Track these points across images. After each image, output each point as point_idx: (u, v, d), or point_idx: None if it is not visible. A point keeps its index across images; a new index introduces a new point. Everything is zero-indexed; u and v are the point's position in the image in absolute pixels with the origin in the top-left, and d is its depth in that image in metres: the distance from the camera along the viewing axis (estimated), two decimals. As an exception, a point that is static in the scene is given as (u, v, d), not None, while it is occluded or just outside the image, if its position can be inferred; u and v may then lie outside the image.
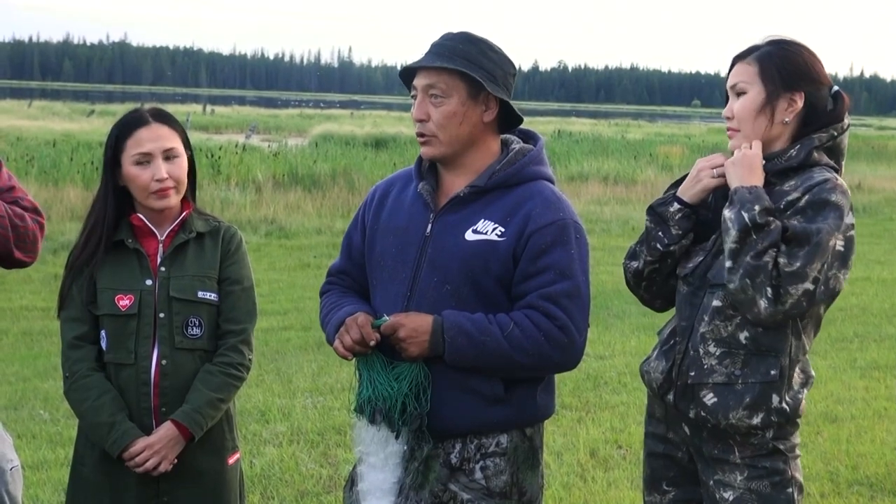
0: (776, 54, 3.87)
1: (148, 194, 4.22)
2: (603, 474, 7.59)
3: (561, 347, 3.75)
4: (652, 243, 3.99)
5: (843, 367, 10.86)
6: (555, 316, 3.73)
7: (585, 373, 10.32)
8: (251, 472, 7.30)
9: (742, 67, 3.90)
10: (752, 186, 3.74)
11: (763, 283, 3.63)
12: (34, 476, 7.19)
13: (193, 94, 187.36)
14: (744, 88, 3.89)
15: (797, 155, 3.87)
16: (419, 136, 3.92)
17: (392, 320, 3.77)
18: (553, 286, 3.74)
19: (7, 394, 9.19)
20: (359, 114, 79.38)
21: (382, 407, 3.79)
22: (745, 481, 3.88)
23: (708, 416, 3.85)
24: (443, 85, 3.83)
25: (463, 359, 3.74)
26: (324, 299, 4.16)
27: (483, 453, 3.85)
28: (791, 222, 3.69)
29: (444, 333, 3.72)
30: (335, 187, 25.31)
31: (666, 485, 4.15)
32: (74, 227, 17.17)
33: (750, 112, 3.89)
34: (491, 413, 3.82)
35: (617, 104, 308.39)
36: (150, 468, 4.15)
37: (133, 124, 4.25)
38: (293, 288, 15.00)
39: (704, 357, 3.87)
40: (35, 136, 38.39)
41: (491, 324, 3.73)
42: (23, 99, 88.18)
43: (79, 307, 4.26)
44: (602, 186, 29.23)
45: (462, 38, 3.88)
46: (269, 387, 9.63)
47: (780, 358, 3.83)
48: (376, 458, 3.87)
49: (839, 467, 7.79)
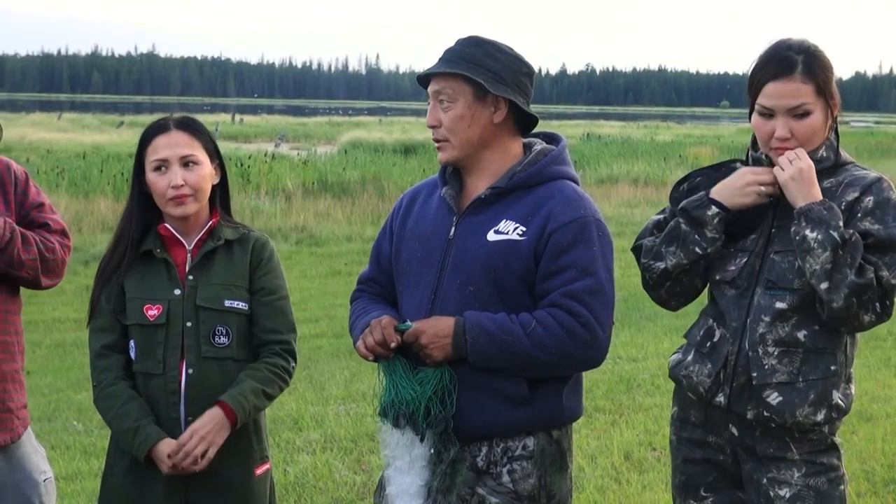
0: (820, 65, 3.83)
1: (166, 201, 4.22)
2: (637, 477, 7.55)
3: (584, 344, 3.74)
4: (690, 247, 3.93)
5: (878, 366, 10.81)
6: (578, 313, 3.72)
7: (618, 375, 10.29)
8: (285, 480, 7.29)
9: (795, 86, 3.80)
10: (823, 202, 3.73)
11: (871, 299, 3.67)
12: (68, 487, 7.21)
13: (222, 104, 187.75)
14: (809, 109, 3.82)
15: (828, 156, 3.89)
16: (435, 142, 3.97)
17: (413, 328, 3.78)
18: (575, 283, 3.74)
19: (41, 405, 9.21)
20: (387, 120, 79.40)
21: (406, 410, 3.79)
22: (803, 478, 3.87)
23: (773, 415, 3.83)
24: (449, 90, 3.88)
25: (486, 359, 3.74)
26: (353, 306, 4.17)
27: (510, 456, 3.84)
28: (867, 226, 3.72)
29: (465, 334, 3.73)
30: (365, 194, 25.36)
31: (704, 490, 4.11)
32: (105, 238, 17.22)
33: (819, 133, 3.87)
34: (516, 415, 3.82)
35: (645, 106, 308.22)
36: (199, 454, 4.10)
37: (155, 132, 4.27)
38: (324, 295, 15.02)
39: (764, 357, 3.85)
40: (65, 149, 38.65)
41: (513, 322, 3.73)
42: (52, 112, 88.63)
43: (107, 316, 4.27)
44: (632, 189, 29.21)
45: (470, 42, 3.93)
46: (301, 394, 9.63)
47: (836, 355, 3.85)
48: (402, 462, 3.87)
49: (875, 466, 7.73)
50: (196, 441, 4.11)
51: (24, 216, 4.45)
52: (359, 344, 3.88)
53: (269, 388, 4.23)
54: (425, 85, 3.97)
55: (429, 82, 3.95)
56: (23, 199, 4.48)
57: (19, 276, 4.37)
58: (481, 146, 3.92)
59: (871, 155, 41.56)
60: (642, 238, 4.15)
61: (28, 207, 4.48)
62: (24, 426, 4.51)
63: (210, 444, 4.12)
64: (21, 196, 4.47)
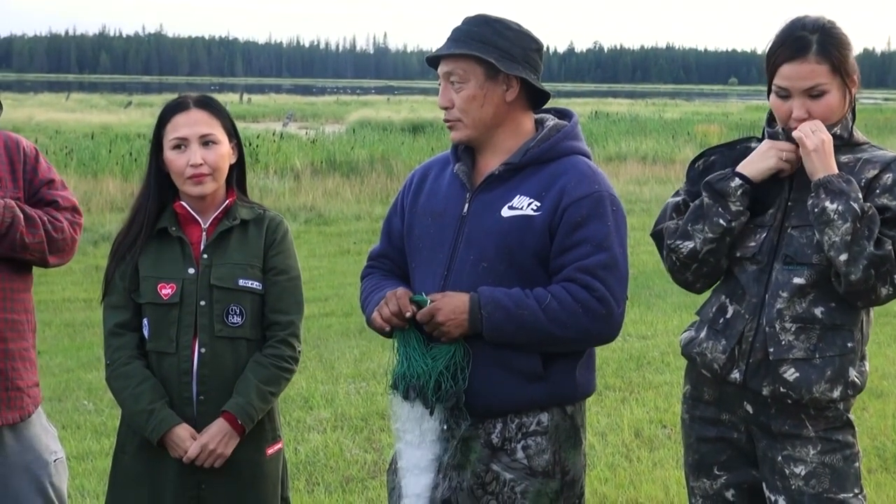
0: (835, 44, 3.82)
1: (184, 180, 4.22)
2: (648, 454, 7.56)
3: (599, 319, 3.74)
4: (715, 219, 3.89)
5: (888, 342, 10.81)
6: (592, 287, 3.72)
7: (628, 353, 10.29)
8: (296, 459, 7.31)
9: (810, 67, 3.80)
10: (842, 174, 3.73)
11: (889, 271, 3.67)
12: (79, 466, 7.23)
13: (230, 83, 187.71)
14: (825, 90, 3.82)
15: (841, 133, 3.88)
16: (446, 122, 3.97)
17: (429, 306, 3.77)
18: (590, 258, 3.74)
19: (51, 385, 9.22)
20: (395, 99, 79.33)
21: (416, 384, 3.80)
22: (819, 455, 3.88)
23: (789, 391, 3.83)
24: (460, 70, 3.88)
25: (502, 334, 3.74)
26: (364, 282, 4.17)
27: (524, 432, 3.85)
28: (886, 201, 3.74)
29: (481, 309, 3.72)
30: (373, 173, 25.35)
31: (717, 469, 4.11)
32: (114, 218, 17.28)
33: (837, 112, 3.87)
34: (530, 391, 3.83)
35: (653, 84, 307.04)
36: (210, 466, 4.17)
37: (174, 110, 4.26)
38: (333, 274, 15.03)
39: (781, 333, 3.84)
40: (73, 129, 38.65)
41: (528, 297, 3.73)
42: (61, 92, 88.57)
43: (121, 294, 4.27)
44: (641, 166, 29.16)
45: (478, 20, 3.91)
46: (311, 373, 9.65)
47: (853, 332, 3.85)
48: (412, 436, 3.88)
49: (886, 443, 7.73)
50: (206, 455, 4.16)
51: (34, 193, 4.44)
52: (374, 315, 3.89)
53: (273, 388, 4.25)
54: (435, 66, 3.97)
55: (438, 63, 3.94)
56: (32, 175, 4.46)
57: (25, 257, 4.37)
58: (494, 125, 3.92)
59: (881, 132, 41.38)
60: (662, 222, 4.12)
61: (37, 185, 4.46)
62: (35, 405, 4.50)
63: (219, 457, 4.17)
64: (30, 173, 4.46)
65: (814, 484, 3.86)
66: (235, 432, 4.18)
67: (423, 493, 3.89)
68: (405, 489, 3.93)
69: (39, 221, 4.33)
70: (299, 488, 6.89)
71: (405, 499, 3.93)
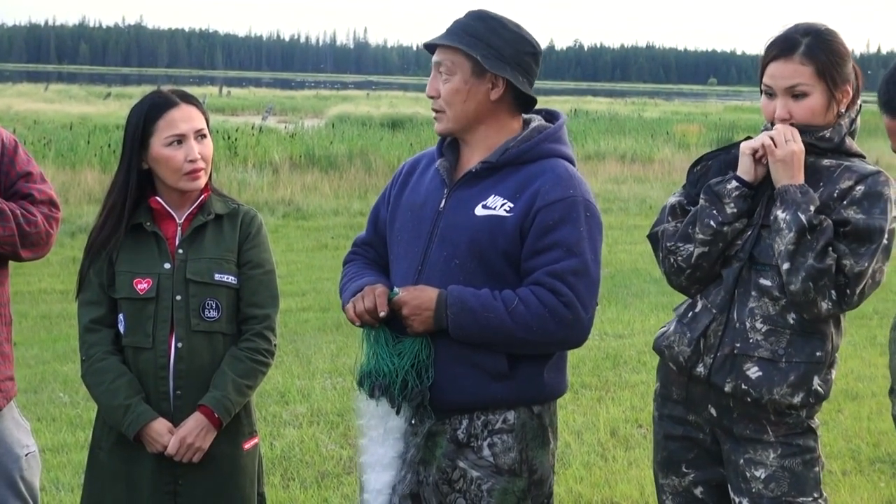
0: (825, 49, 3.83)
1: (180, 176, 4.21)
2: (623, 453, 7.58)
3: (566, 324, 3.75)
4: (706, 220, 3.89)
5: (864, 345, 10.84)
6: (560, 292, 3.73)
7: (605, 352, 10.31)
8: (271, 454, 7.30)
9: (794, 67, 3.83)
10: (801, 186, 3.76)
11: (827, 286, 3.69)
12: (54, 459, 7.21)
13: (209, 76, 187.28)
14: (805, 91, 3.84)
15: (830, 138, 3.89)
16: (433, 111, 3.99)
17: (397, 297, 3.80)
18: (560, 263, 3.75)
19: (27, 377, 9.18)
20: (375, 94, 79.22)
21: (382, 382, 3.82)
22: (779, 459, 3.90)
23: (750, 388, 3.84)
24: (448, 62, 3.90)
25: (467, 334, 3.76)
26: (346, 268, 4.20)
27: (490, 430, 3.87)
28: (850, 214, 3.74)
29: (447, 309, 3.74)
30: (352, 168, 25.28)
31: (685, 467, 4.14)
32: (92, 210, 17.17)
33: (818, 116, 3.87)
34: (494, 389, 3.84)
35: (633, 83, 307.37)
36: (188, 460, 4.17)
37: (163, 106, 4.23)
38: (311, 269, 15.00)
39: (751, 331, 3.86)
40: (52, 120, 38.45)
41: (495, 300, 3.74)
42: (39, 82, 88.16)
43: (96, 290, 4.26)
44: (619, 165, 29.16)
45: (476, 15, 3.92)
46: (288, 368, 9.64)
47: (825, 342, 3.87)
48: (376, 433, 3.91)
49: (861, 445, 7.77)
50: (184, 450, 4.15)
51: (10, 186, 4.40)
52: (348, 307, 3.91)
53: (250, 381, 4.26)
54: (432, 52, 3.98)
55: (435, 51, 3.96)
56: (9, 168, 4.42)
57: None
58: (476, 121, 3.93)
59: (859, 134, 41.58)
60: (660, 224, 4.11)
61: (14, 177, 4.42)
62: (7, 399, 4.46)
63: (198, 451, 4.17)
64: (7, 165, 4.41)
65: (773, 487, 3.90)
66: (213, 426, 4.18)
67: (383, 489, 3.93)
68: (367, 484, 3.97)
69: (11, 215, 4.29)
70: (275, 483, 6.89)
71: (366, 493, 3.97)
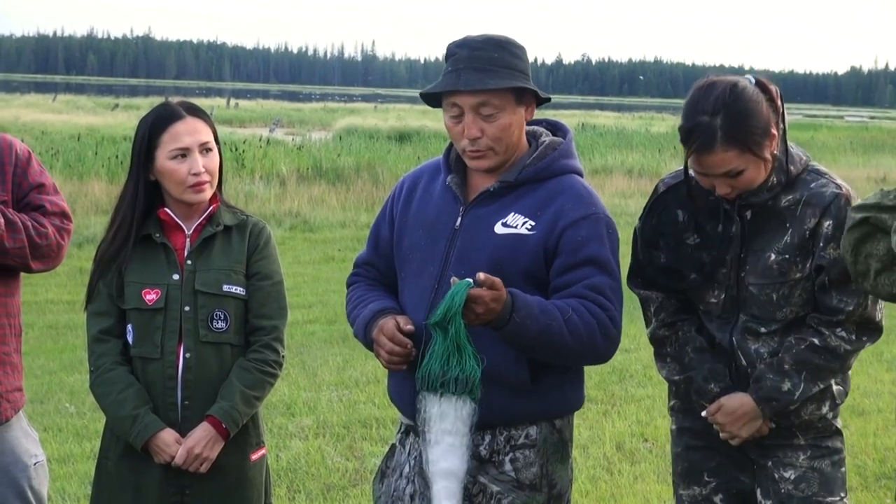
0: (740, 124, 3.75)
1: (184, 189, 4.21)
2: (629, 467, 7.58)
3: (610, 338, 3.74)
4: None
5: (870, 361, 10.82)
6: (605, 307, 3.71)
7: (611, 366, 10.27)
8: (277, 466, 7.31)
9: (719, 157, 3.76)
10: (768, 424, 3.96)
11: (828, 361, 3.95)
12: (61, 469, 7.21)
13: (217, 87, 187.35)
14: (740, 170, 3.80)
15: (779, 180, 3.89)
16: (473, 152, 3.82)
17: (476, 293, 3.51)
18: (596, 278, 3.73)
19: (33, 387, 9.18)
20: (382, 107, 79.21)
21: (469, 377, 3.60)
22: (809, 460, 3.98)
23: (779, 420, 3.96)
24: (495, 101, 3.75)
25: (520, 338, 3.63)
26: (350, 291, 4.14)
27: (513, 445, 3.84)
28: (829, 253, 3.80)
29: (513, 311, 3.57)
30: (359, 181, 25.32)
31: (707, 475, 4.18)
32: (99, 220, 17.19)
33: (758, 178, 3.86)
34: (518, 404, 3.81)
35: (641, 97, 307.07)
36: (195, 470, 4.18)
37: (168, 119, 4.23)
38: (318, 281, 15.00)
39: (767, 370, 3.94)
40: (60, 131, 38.47)
41: (554, 307, 3.65)
42: (47, 93, 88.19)
43: (105, 301, 4.27)
44: (626, 179, 29.15)
45: (491, 44, 3.79)
46: (294, 380, 9.64)
47: None
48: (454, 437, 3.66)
49: (867, 461, 7.76)
50: (192, 460, 4.16)
51: (22, 197, 4.40)
52: (383, 363, 3.81)
53: (257, 392, 4.25)
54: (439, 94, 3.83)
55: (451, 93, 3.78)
56: (21, 179, 4.40)
57: (6, 262, 4.34)
58: (519, 146, 3.89)
59: (866, 150, 41.52)
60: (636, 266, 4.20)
61: (26, 188, 4.41)
62: (15, 409, 4.46)
63: (205, 461, 4.18)
64: (20, 176, 4.40)
65: (803, 487, 3.96)
66: (220, 436, 4.18)
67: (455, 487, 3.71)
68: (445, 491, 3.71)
69: (22, 226, 4.28)
70: (281, 495, 6.90)
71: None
